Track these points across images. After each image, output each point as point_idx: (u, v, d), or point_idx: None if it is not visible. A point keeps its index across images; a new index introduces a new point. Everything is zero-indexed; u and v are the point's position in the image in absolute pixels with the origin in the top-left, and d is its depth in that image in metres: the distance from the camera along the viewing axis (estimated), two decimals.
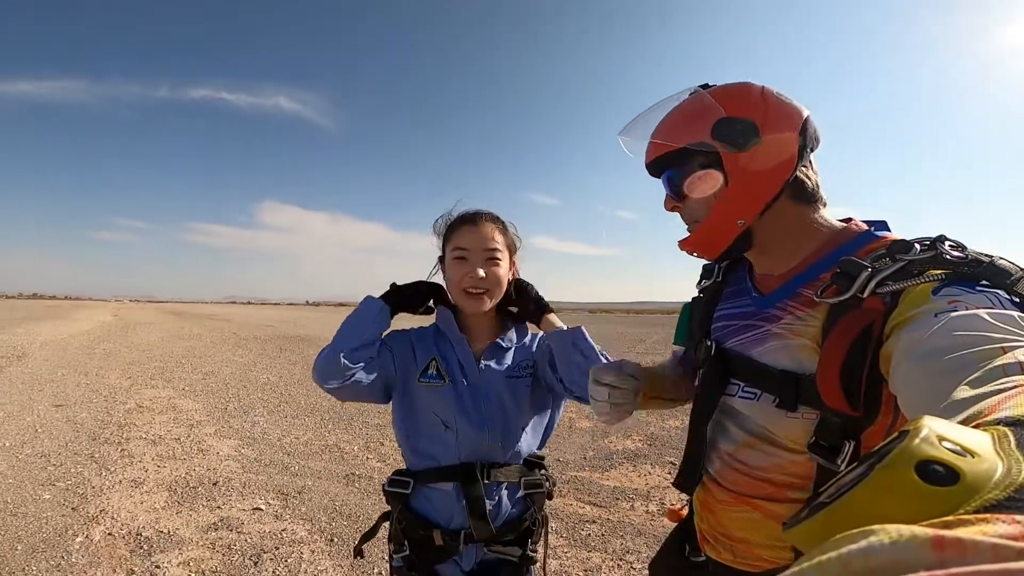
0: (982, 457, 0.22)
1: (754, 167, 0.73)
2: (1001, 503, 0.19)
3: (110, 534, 2.70)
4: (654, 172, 0.85)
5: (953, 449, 0.22)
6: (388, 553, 1.15)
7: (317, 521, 2.93)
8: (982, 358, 0.42)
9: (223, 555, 2.53)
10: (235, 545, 2.63)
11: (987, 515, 0.18)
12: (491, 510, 1.07)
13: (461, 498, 1.06)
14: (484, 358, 1.13)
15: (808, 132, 0.75)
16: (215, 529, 2.80)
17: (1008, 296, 0.53)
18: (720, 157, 0.74)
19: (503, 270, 1.11)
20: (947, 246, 0.61)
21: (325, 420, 5.18)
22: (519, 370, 1.14)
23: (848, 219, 0.80)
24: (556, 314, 1.13)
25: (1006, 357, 0.41)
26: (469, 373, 1.11)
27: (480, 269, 1.07)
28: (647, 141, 0.82)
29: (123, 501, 3.11)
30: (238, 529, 2.81)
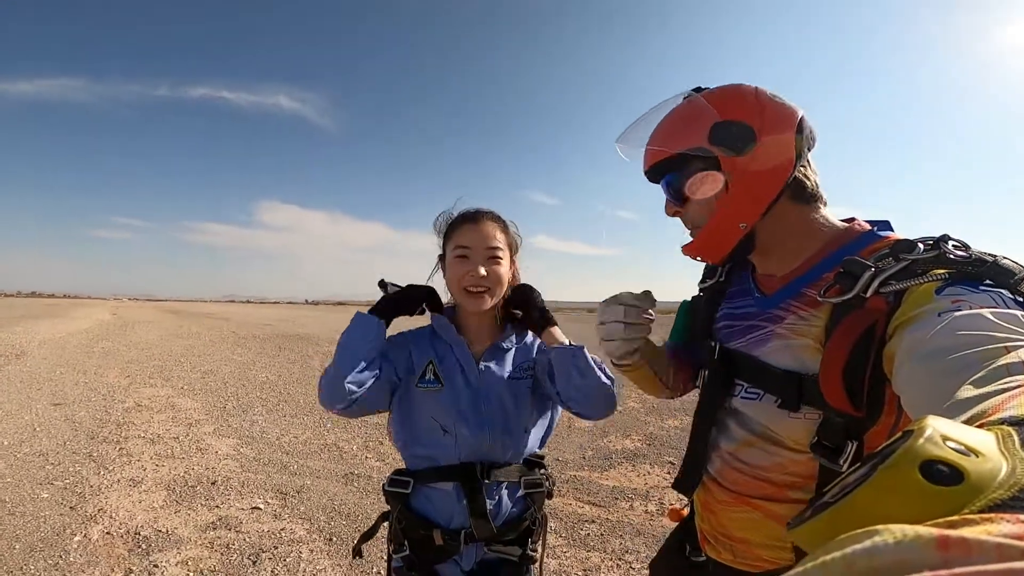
0: (986, 457, 0.22)
1: (753, 170, 0.73)
2: (1006, 502, 0.19)
3: (108, 533, 2.70)
4: (653, 178, 0.85)
5: (957, 449, 0.22)
6: (387, 553, 1.14)
7: (316, 520, 2.93)
8: (986, 358, 0.42)
9: (221, 554, 2.53)
10: (234, 544, 2.63)
11: (991, 515, 0.18)
12: (491, 509, 1.07)
13: (461, 498, 1.06)
14: (484, 359, 1.12)
15: (804, 131, 0.74)
16: (214, 528, 2.79)
17: (1012, 295, 0.53)
18: (718, 161, 0.74)
19: (504, 269, 1.11)
20: (951, 245, 0.61)
21: (324, 419, 5.17)
22: (520, 371, 1.14)
23: (851, 219, 0.80)
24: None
25: (1010, 356, 0.41)
26: (469, 375, 1.10)
27: (481, 267, 1.07)
28: (643, 148, 0.82)
29: (121, 500, 3.11)
30: (237, 528, 2.80)
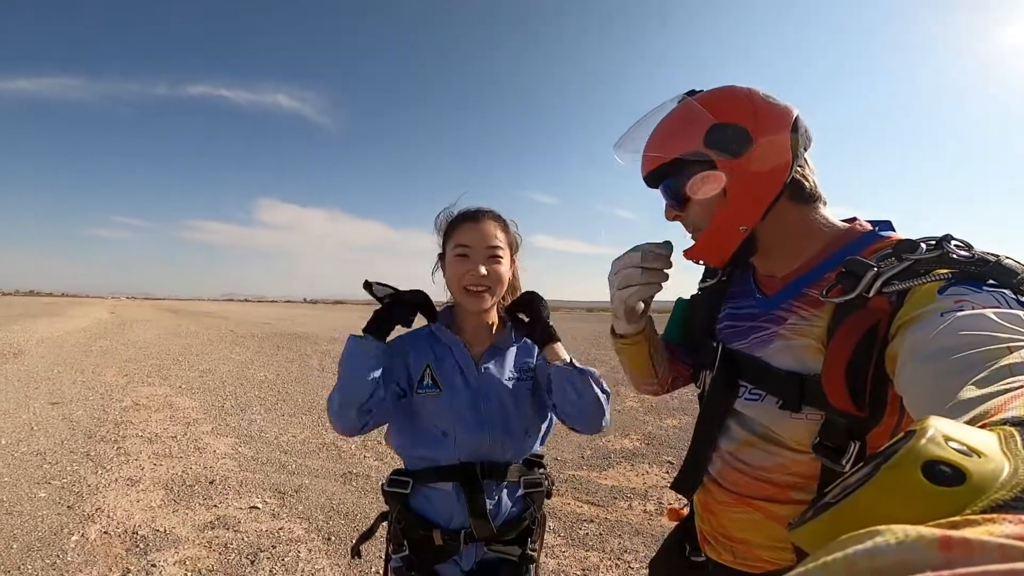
0: (988, 457, 0.22)
1: (750, 172, 0.73)
2: (1008, 503, 0.19)
3: (106, 532, 2.69)
4: (651, 183, 0.85)
5: (959, 449, 0.22)
6: (385, 553, 1.14)
7: (314, 520, 2.92)
8: (988, 358, 0.42)
9: (220, 554, 2.52)
10: (232, 544, 2.62)
11: (994, 515, 0.18)
12: (491, 509, 1.07)
13: (461, 497, 1.06)
14: (483, 360, 1.12)
15: (800, 131, 0.74)
16: (211, 528, 2.79)
17: (1014, 296, 0.53)
18: (715, 165, 0.74)
19: (504, 268, 1.11)
20: (953, 245, 0.60)
21: (322, 418, 5.16)
22: (520, 372, 1.13)
23: (853, 219, 0.80)
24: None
25: (1013, 357, 0.41)
26: (469, 376, 1.10)
27: (482, 266, 1.07)
28: (641, 154, 0.82)
29: (119, 499, 3.10)
30: (235, 528, 2.80)
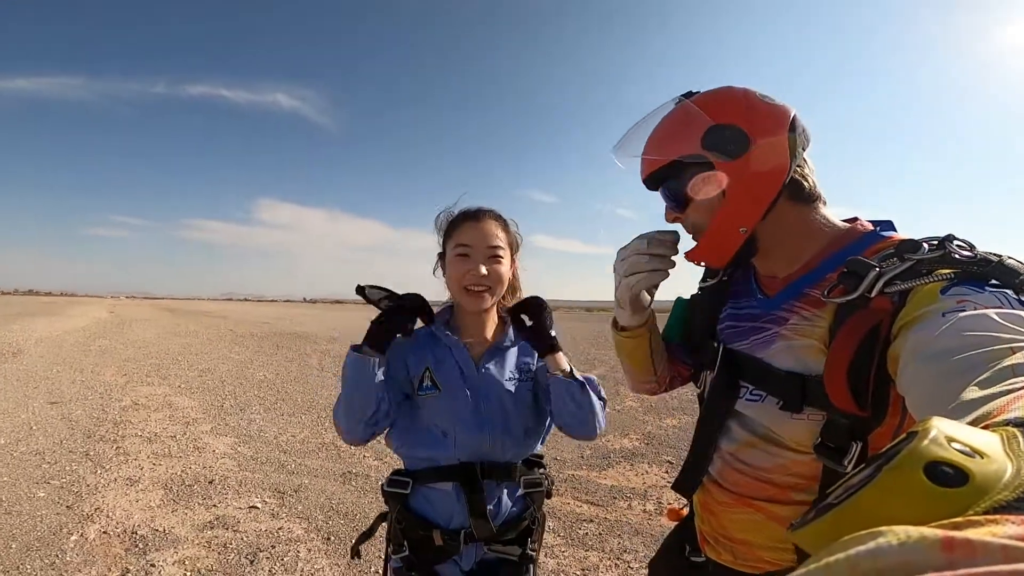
0: (991, 458, 0.22)
1: (749, 173, 0.72)
2: (1011, 504, 0.19)
3: (105, 532, 2.69)
4: (651, 186, 0.85)
5: (962, 450, 0.22)
6: (385, 553, 1.14)
7: (314, 519, 2.92)
8: (991, 358, 0.42)
9: (219, 554, 2.52)
10: (231, 544, 2.62)
11: (997, 516, 0.18)
12: (491, 509, 1.07)
13: (461, 498, 1.06)
14: (483, 361, 1.12)
15: (798, 130, 0.74)
16: (211, 527, 2.79)
17: (1017, 296, 0.53)
18: (714, 167, 0.74)
19: (505, 268, 1.10)
20: (955, 245, 0.60)
21: (322, 418, 5.17)
22: (520, 373, 1.13)
23: (854, 219, 0.79)
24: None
25: (1015, 357, 0.41)
26: (468, 376, 1.10)
27: (482, 266, 1.07)
28: (639, 157, 0.82)
29: (118, 499, 3.10)
30: (234, 527, 2.79)
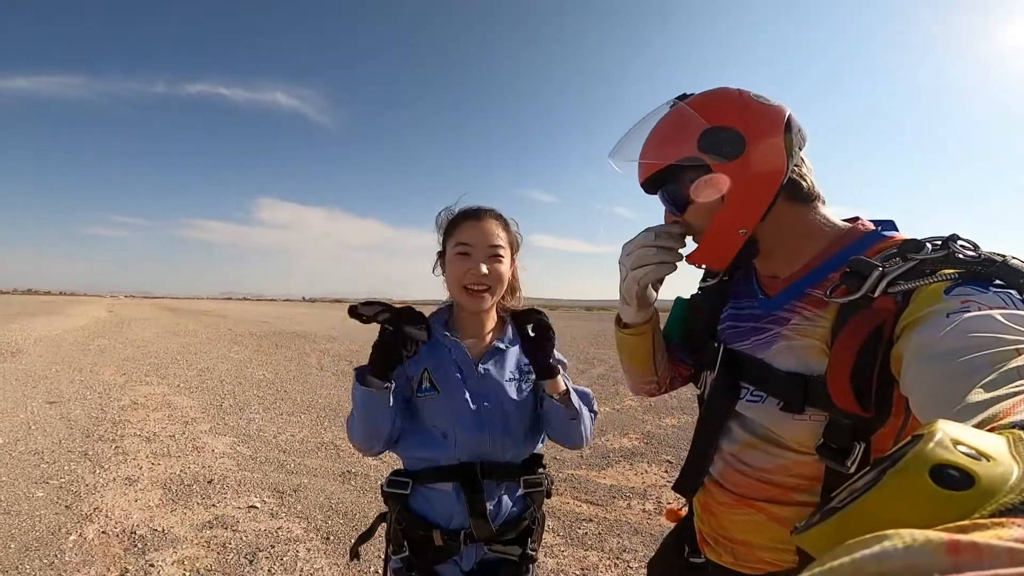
0: (997, 461, 0.22)
1: (746, 175, 0.72)
2: (1017, 507, 0.19)
3: (104, 532, 2.68)
4: (649, 190, 0.85)
5: (968, 453, 0.22)
6: (385, 553, 1.14)
7: (313, 519, 2.92)
8: (996, 360, 0.42)
9: (218, 553, 2.52)
10: (230, 543, 2.62)
11: (1003, 519, 0.18)
12: (491, 509, 1.07)
13: (461, 498, 1.06)
14: (483, 361, 1.12)
15: (794, 130, 0.73)
16: (210, 527, 2.78)
17: (1021, 296, 0.53)
18: (711, 169, 0.73)
19: (505, 267, 1.10)
20: (959, 245, 0.60)
21: (321, 417, 5.17)
22: (520, 373, 1.13)
23: (855, 218, 0.79)
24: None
25: (1021, 359, 0.41)
26: (468, 377, 1.09)
27: (483, 265, 1.06)
28: (636, 161, 0.81)
29: (117, 499, 3.09)
30: (233, 527, 2.79)
